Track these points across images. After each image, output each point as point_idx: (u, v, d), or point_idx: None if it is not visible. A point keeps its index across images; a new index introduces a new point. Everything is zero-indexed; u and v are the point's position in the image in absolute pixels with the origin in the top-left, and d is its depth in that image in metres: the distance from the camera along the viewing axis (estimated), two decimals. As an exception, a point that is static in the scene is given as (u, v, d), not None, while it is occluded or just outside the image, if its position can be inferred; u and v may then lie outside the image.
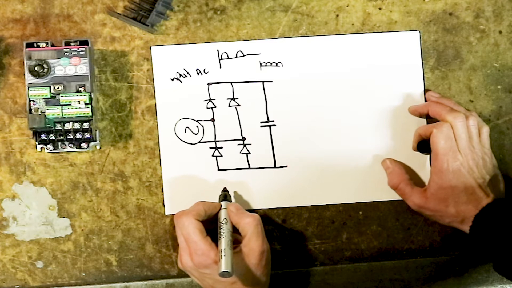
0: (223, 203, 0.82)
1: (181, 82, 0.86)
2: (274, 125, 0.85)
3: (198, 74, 0.86)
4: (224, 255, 0.76)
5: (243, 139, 0.86)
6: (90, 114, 0.81)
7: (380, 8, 0.87)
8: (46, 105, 0.81)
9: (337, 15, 0.87)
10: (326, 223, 0.87)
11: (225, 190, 0.85)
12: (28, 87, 0.81)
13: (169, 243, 0.85)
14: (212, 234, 0.80)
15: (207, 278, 0.79)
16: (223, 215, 0.81)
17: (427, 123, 0.85)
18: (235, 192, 0.85)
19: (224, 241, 0.77)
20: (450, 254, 0.87)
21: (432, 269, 0.86)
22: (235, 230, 0.81)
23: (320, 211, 0.86)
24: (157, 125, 0.85)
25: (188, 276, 0.84)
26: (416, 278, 0.86)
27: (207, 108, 0.86)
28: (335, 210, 0.86)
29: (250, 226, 0.79)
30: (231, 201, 0.83)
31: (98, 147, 0.85)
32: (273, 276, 0.82)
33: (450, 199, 0.79)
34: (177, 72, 0.86)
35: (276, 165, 0.86)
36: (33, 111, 0.81)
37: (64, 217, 0.85)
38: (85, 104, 0.81)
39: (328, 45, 0.87)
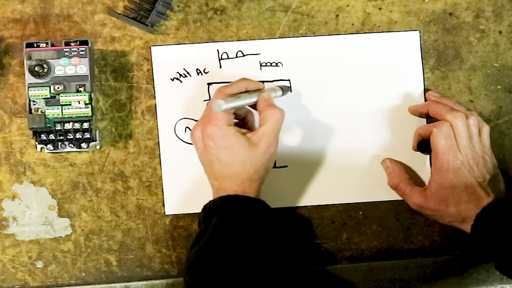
0: (266, 87, 0.81)
1: (181, 82, 0.86)
2: (274, 125, 0.85)
3: (198, 74, 0.86)
4: (228, 97, 0.77)
5: (243, 139, 0.86)
6: (90, 114, 0.81)
7: (380, 8, 0.87)
8: (46, 105, 0.81)
9: (337, 15, 0.87)
10: (326, 223, 0.87)
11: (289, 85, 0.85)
12: (28, 87, 0.81)
13: (169, 243, 0.85)
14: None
15: (208, 153, 0.78)
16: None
17: (427, 122, 0.85)
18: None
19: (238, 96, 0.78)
20: (450, 254, 0.87)
21: (432, 269, 0.86)
22: None
23: (320, 211, 0.86)
24: (157, 125, 0.85)
25: (188, 276, 0.84)
26: (416, 278, 0.86)
27: (207, 108, 0.86)
28: (335, 210, 0.86)
29: (272, 117, 0.78)
30: (285, 93, 0.83)
31: (98, 147, 0.85)
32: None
33: (451, 198, 0.79)
34: (177, 72, 0.86)
35: (276, 165, 0.86)
36: (33, 111, 0.81)
37: (64, 217, 0.85)
38: (85, 104, 0.81)
39: (328, 45, 0.87)
